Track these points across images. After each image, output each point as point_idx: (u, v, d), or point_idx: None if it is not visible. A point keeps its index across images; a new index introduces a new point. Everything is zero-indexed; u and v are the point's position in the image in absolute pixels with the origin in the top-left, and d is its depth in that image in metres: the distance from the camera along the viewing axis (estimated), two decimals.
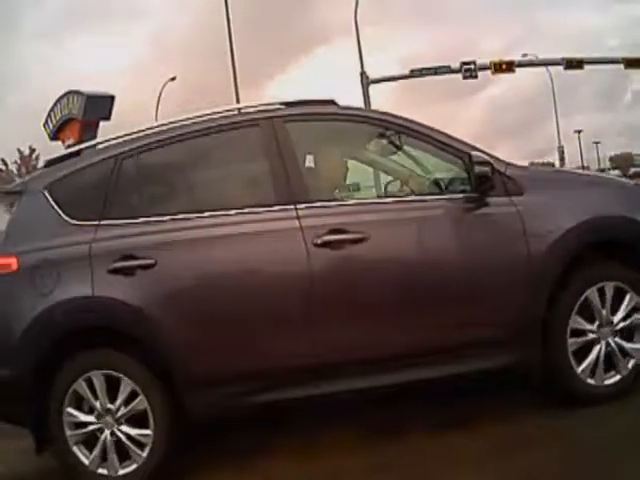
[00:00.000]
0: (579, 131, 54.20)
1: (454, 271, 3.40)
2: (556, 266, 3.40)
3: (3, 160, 39.77)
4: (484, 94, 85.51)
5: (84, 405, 3.33)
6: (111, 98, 21.24)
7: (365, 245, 3.33)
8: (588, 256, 3.49)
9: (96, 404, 3.30)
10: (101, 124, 21.02)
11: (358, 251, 3.33)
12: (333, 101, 3.77)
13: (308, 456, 3.44)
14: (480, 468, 3.01)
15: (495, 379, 3.67)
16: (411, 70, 25.89)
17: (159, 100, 32.18)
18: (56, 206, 3.49)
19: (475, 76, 25.78)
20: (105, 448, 3.30)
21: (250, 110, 3.72)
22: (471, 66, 25.47)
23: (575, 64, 25.80)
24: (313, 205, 3.41)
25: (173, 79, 33.62)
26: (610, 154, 60.15)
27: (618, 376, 3.48)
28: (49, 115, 22.65)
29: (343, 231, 3.33)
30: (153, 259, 3.30)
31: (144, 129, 3.70)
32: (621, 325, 3.49)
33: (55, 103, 22.18)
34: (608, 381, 3.47)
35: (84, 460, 3.31)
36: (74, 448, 3.31)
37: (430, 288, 3.37)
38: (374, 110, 3.73)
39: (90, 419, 3.32)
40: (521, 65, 26.85)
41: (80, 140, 18.80)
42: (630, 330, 3.51)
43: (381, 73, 26.87)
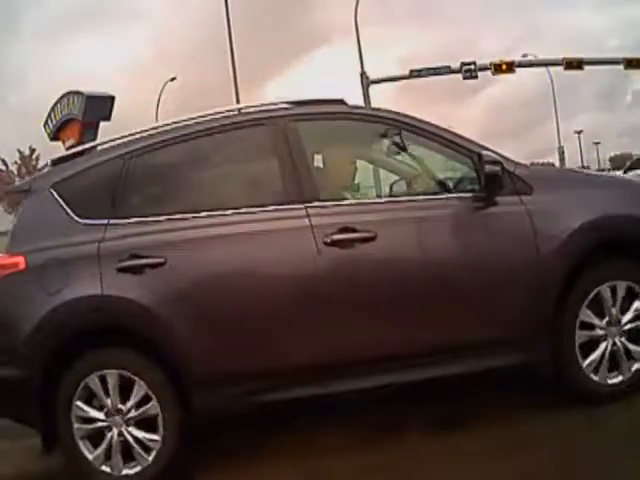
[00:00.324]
0: (579, 131, 54.52)
1: (463, 270, 3.39)
2: (565, 265, 3.39)
3: (3, 160, 39.76)
4: (484, 94, 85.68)
5: (95, 401, 3.31)
6: (111, 98, 21.20)
7: (375, 244, 3.33)
8: (601, 254, 3.48)
9: (107, 402, 3.29)
10: (101, 124, 21.03)
11: (368, 250, 3.33)
12: (342, 100, 3.77)
13: (305, 456, 3.44)
14: (477, 468, 3.01)
15: (494, 379, 3.67)
16: (411, 70, 25.90)
17: (159, 100, 32.22)
18: (64, 205, 3.48)
19: (475, 76, 25.80)
20: (111, 447, 3.29)
21: (259, 109, 3.71)
22: (471, 66, 25.49)
23: (575, 64, 25.81)
24: (323, 204, 3.40)
25: (173, 79, 33.69)
26: (610, 154, 60.38)
27: (620, 377, 3.49)
28: (49, 115, 22.61)
29: (353, 230, 3.33)
30: (162, 258, 3.29)
31: (151, 128, 3.70)
32: (629, 326, 3.49)
33: (55, 103, 22.14)
34: (611, 380, 3.47)
35: (88, 455, 3.29)
36: (79, 442, 3.29)
37: (439, 287, 3.37)
38: (383, 109, 3.71)
39: (99, 416, 3.30)
40: (521, 65, 26.87)
41: (80, 140, 18.79)
42: (638, 332, 3.50)
43: (381, 73, 26.92)
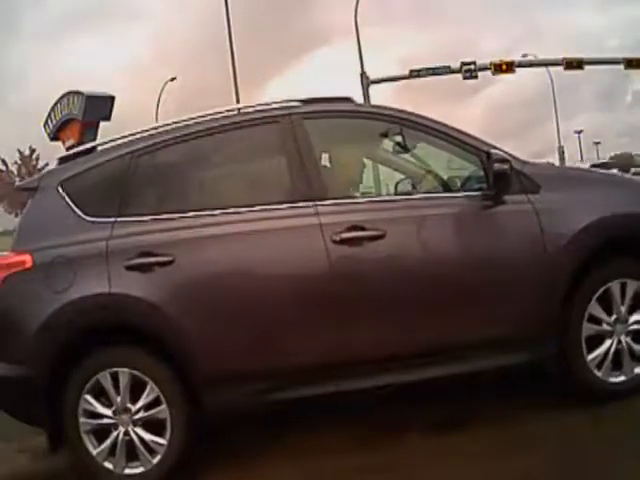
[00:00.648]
0: (579, 131, 54.44)
1: (471, 268, 3.39)
2: (573, 263, 3.39)
3: (3, 160, 39.87)
4: (484, 94, 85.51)
5: (103, 398, 3.30)
6: (111, 98, 21.23)
7: (383, 242, 3.32)
8: (609, 253, 3.48)
9: (117, 399, 3.28)
10: (101, 124, 21.02)
11: (376, 248, 3.32)
12: (350, 98, 3.78)
13: (305, 456, 3.43)
14: (477, 469, 3.01)
15: (493, 379, 3.68)
16: (411, 70, 25.94)
17: (159, 100, 32.23)
18: (71, 203, 3.47)
19: (475, 76, 25.84)
20: (115, 445, 3.28)
21: (268, 107, 3.70)
22: (471, 66, 25.53)
23: (575, 64, 25.84)
24: (332, 202, 3.40)
25: (173, 79, 33.72)
26: (610, 154, 60.34)
27: (622, 377, 3.49)
28: (49, 115, 22.62)
29: (362, 228, 3.33)
30: (171, 256, 3.28)
31: (159, 126, 3.70)
32: (635, 327, 3.49)
33: (55, 103, 22.15)
34: (613, 379, 3.47)
35: (91, 450, 3.28)
36: (84, 436, 3.28)
37: (448, 285, 3.36)
38: (391, 107, 3.70)
39: (106, 412, 3.29)
40: (521, 65, 26.91)
41: (80, 140, 18.81)
42: None
43: (381, 73, 26.96)
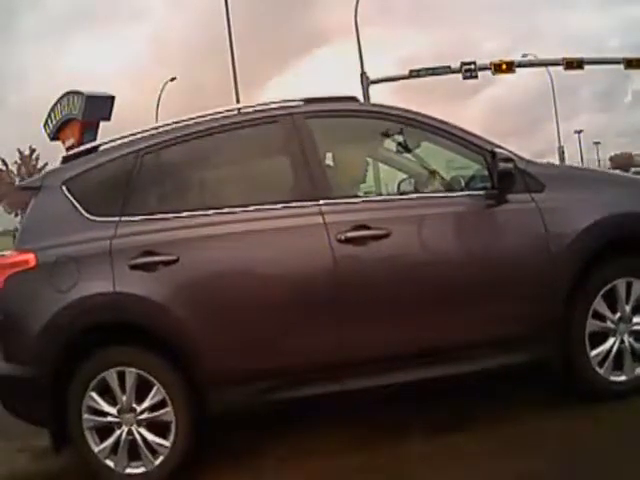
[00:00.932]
0: (579, 131, 54.56)
1: (476, 267, 3.39)
2: (577, 262, 3.39)
3: (3, 160, 39.90)
4: (484, 94, 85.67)
5: (108, 396, 3.29)
6: (111, 98, 21.29)
7: (388, 241, 3.32)
8: (613, 252, 3.47)
9: (122, 398, 3.27)
10: (101, 124, 21.03)
11: (381, 247, 3.32)
12: (354, 98, 3.78)
13: (305, 456, 3.43)
14: (478, 469, 3.00)
15: (492, 379, 3.66)
16: (411, 70, 25.93)
17: (159, 100, 32.23)
18: (75, 202, 3.46)
19: (475, 76, 25.84)
20: (118, 443, 3.27)
21: (272, 106, 3.69)
22: (471, 66, 25.53)
23: (575, 64, 25.85)
24: (336, 201, 3.39)
25: (173, 79, 33.73)
26: (610, 154, 60.48)
27: (623, 377, 3.49)
28: (49, 115, 22.67)
29: (366, 227, 3.32)
30: (176, 255, 3.27)
31: (163, 125, 3.68)
32: (639, 327, 3.49)
33: (55, 103, 22.20)
34: (614, 378, 3.48)
35: (93, 447, 3.27)
36: (86, 433, 3.27)
37: (452, 284, 3.36)
38: (395, 107, 3.69)
39: (111, 410, 3.28)
40: (521, 65, 26.93)
41: (80, 140, 18.86)
42: None
43: (381, 73, 26.96)
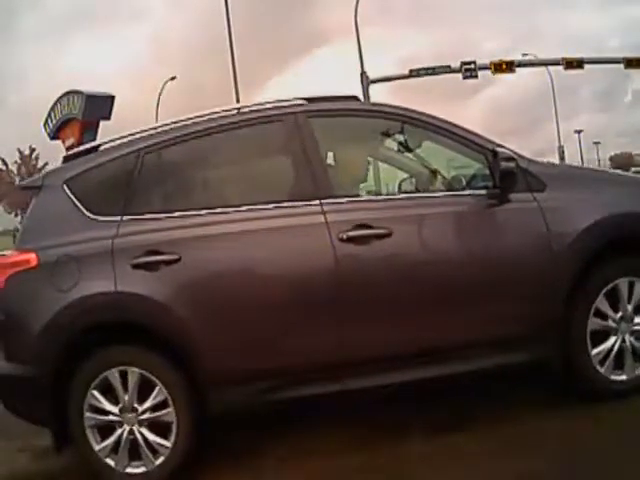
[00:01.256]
0: (579, 131, 54.52)
1: (477, 266, 3.39)
2: (579, 261, 3.39)
3: (3, 160, 39.92)
4: (484, 94, 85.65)
5: (110, 395, 3.29)
6: (111, 98, 21.29)
7: (390, 240, 3.32)
8: (614, 252, 3.47)
9: (124, 398, 3.27)
10: (101, 124, 21.03)
11: (383, 246, 3.32)
12: (356, 97, 3.79)
13: (305, 456, 3.43)
14: (477, 469, 3.00)
15: (492, 379, 3.67)
16: (411, 70, 25.93)
17: (159, 100, 32.21)
18: (76, 201, 3.46)
19: (475, 76, 25.86)
20: (119, 442, 3.27)
21: (274, 105, 3.68)
22: (471, 66, 25.55)
23: (575, 64, 25.87)
24: (338, 200, 3.39)
25: (173, 79, 33.71)
26: (610, 154, 60.48)
27: (624, 376, 3.49)
28: (49, 115, 22.67)
29: (368, 226, 3.32)
30: (178, 254, 3.27)
31: (164, 124, 3.68)
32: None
33: (55, 103, 22.19)
34: (614, 377, 3.48)
35: (94, 445, 3.27)
36: (87, 431, 3.27)
37: (454, 283, 3.35)
38: (397, 106, 3.69)
39: (113, 409, 3.28)
40: (521, 65, 26.94)
41: (80, 140, 18.86)
42: None
43: (381, 73, 26.95)
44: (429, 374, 3.33)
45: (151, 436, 3.27)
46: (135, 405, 3.27)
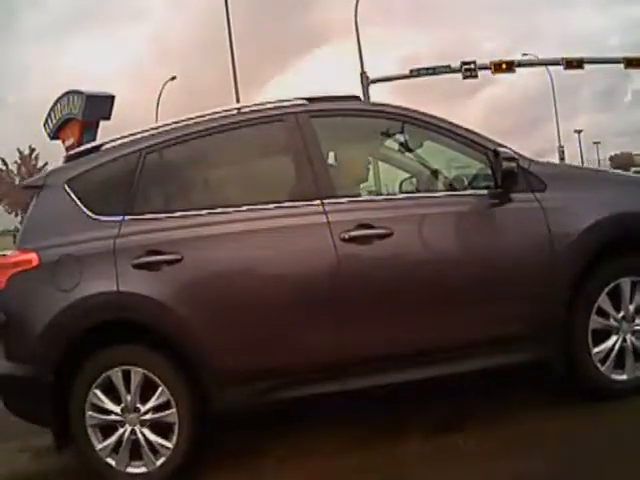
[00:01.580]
0: (579, 131, 54.41)
1: (479, 266, 3.39)
2: (580, 261, 3.39)
3: (3, 160, 39.90)
4: (484, 94, 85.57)
5: (112, 395, 3.29)
6: (111, 98, 21.25)
7: (392, 240, 3.32)
8: (615, 252, 3.48)
9: (127, 398, 3.27)
10: (101, 124, 21.02)
11: (385, 246, 3.32)
12: (357, 97, 3.79)
13: (305, 456, 3.43)
14: (476, 469, 3.00)
15: (492, 379, 3.68)
16: (411, 70, 25.95)
17: (159, 100, 32.19)
18: (78, 201, 3.46)
19: (475, 76, 25.87)
20: (120, 442, 3.27)
21: (275, 105, 3.68)
22: (471, 66, 25.56)
23: (575, 64, 25.86)
24: (340, 200, 3.39)
25: (173, 79, 33.67)
26: (610, 154, 60.43)
27: (624, 376, 3.50)
28: (49, 115, 22.64)
29: (370, 226, 3.32)
30: (180, 254, 3.27)
31: (165, 124, 3.68)
32: None
33: (55, 103, 22.16)
34: (615, 376, 3.48)
35: (95, 444, 3.28)
36: (89, 430, 3.27)
37: (455, 283, 3.36)
38: (397, 106, 3.69)
39: (115, 409, 3.28)
40: (521, 65, 26.93)
41: (80, 140, 18.85)
42: None
43: (381, 73, 26.97)
44: (429, 374, 3.33)
45: (153, 436, 3.27)
46: (138, 405, 3.27)
